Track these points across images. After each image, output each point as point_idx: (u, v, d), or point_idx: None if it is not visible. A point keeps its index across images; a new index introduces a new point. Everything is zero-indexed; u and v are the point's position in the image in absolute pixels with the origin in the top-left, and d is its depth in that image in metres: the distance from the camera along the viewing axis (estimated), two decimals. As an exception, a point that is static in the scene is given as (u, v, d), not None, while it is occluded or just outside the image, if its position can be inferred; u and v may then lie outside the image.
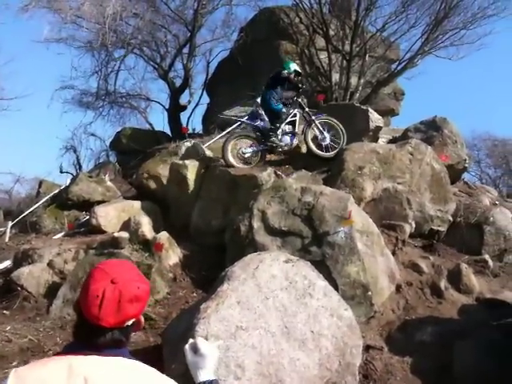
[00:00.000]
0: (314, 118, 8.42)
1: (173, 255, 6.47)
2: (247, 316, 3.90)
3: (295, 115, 8.49)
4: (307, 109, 8.57)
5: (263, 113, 8.38)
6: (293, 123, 8.47)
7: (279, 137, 8.23)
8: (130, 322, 1.53)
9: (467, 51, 15.70)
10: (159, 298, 5.85)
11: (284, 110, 8.35)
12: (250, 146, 8.25)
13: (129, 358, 1.51)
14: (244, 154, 8.08)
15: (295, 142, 8.48)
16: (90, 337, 1.48)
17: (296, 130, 8.43)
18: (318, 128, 8.39)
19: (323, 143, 8.35)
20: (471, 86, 57.78)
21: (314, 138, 8.44)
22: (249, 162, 8.15)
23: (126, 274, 1.53)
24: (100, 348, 1.47)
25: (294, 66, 8.81)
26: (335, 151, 8.22)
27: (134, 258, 6.26)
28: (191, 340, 1.83)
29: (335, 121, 8.47)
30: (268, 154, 8.54)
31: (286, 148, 8.41)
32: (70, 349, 1.49)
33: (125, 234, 6.53)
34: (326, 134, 8.36)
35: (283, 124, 8.34)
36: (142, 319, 1.61)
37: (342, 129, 8.35)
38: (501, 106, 54.81)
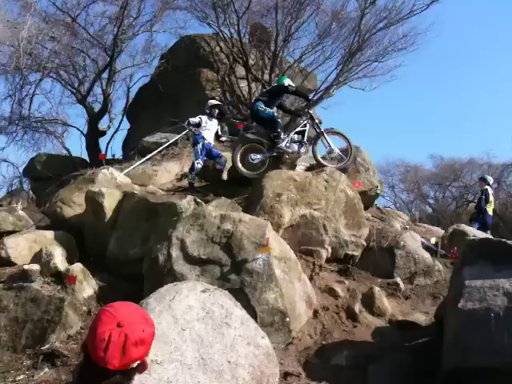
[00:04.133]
0: (323, 130, 8.77)
1: (87, 287, 6.23)
2: (163, 349, 3.83)
3: (305, 125, 8.92)
4: (317, 120, 9.00)
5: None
6: (302, 133, 8.88)
7: (287, 144, 8.63)
8: (134, 365, 1.61)
9: (379, 82, 16.68)
10: (72, 333, 5.60)
11: (276, 113, 8.82)
12: (258, 153, 8.50)
13: None
14: (253, 160, 8.40)
15: (303, 150, 8.89)
16: (93, 379, 1.56)
17: (305, 140, 8.83)
18: (326, 140, 8.76)
19: (331, 155, 8.75)
20: (385, 114, 60.98)
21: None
22: (257, 168, 8.42)
23: (131, 316, 1.61)
24: None
25: (287, 81, 9.35)
26: (343, 163, 8.61)
27: (46, 291, 5.98)
28: None
29: (344, 133, 8.85)
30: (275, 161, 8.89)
31: (293, 155, 8.89)
32: None
33: (35, 267, 6.21)
34: (333, 146, 8.78)
35: (292, 132, 8.82)
36: (147, 361, 1.70)
37: (351, 142, 8.74)
38: (413, 133, 58.24)
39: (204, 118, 9.53)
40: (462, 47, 62.28)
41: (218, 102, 10.32)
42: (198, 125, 9.38)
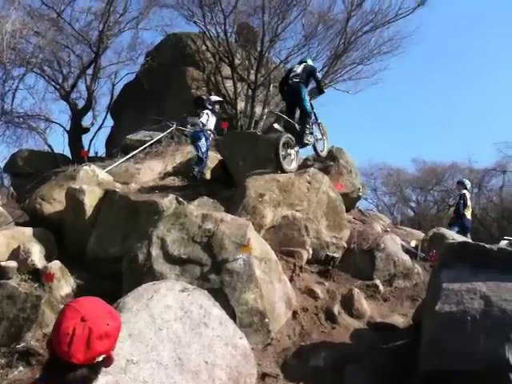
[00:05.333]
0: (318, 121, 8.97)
1: (65, 285, 6.16)
2: (139, 349, 3.80)
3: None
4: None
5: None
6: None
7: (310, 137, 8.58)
8: (100, 358, 1.60)
9: (364, 85, 16.79)
10: (48, 331, 5.50)
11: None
12: (292, 148, 8.33)
13: None
14: (289, 155, 8.25)
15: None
16: (59, 373, 1.55)
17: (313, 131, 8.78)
18: (319, 130, 8.96)
19: (318, 144, 8.85)
20: (369, 117, 61.38)
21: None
22: (291, 163, 8.28)
23: (96, 311, 1.62)
24: None
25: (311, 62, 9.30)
26: (324, 153, 9.06)
27: (23, 288, 5.90)
28: None
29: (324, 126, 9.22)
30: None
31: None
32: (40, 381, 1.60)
33: (12, 263, 6.13)
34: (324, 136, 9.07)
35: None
36: (113, 355, 1.67)
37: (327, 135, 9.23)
38: (396, 137, 58.68)
39: (209, 113, 9.61)
40: (444, 51, 62.86)
41: (221, 99, 10.39)
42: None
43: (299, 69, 8.60)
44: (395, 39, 15.73)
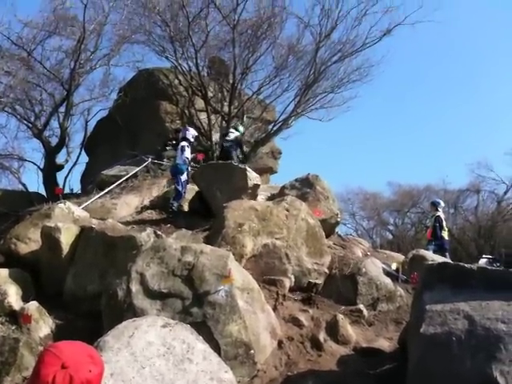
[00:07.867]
0: None
1: (44, 326, 5.98)
2: (121, 389, 3.68)
3: None
4: None
5: None
6: None
7: None
8: None
9: (336, 113, 17.07)
10: (27, 374, 5.31)
11: None
12: None
13: None
14: None
15: None
16: None
17: None
18: None
19: None
20: (343, 144, 62.38)
21: None
22: None
23: (77, 356, 1.52)
24: None
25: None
26: None
27: (0, 331, 5.71)
28: None
29: None
30: None
31: None
32: None
33: (-12, 306, 5.96)
34: None
35: None
36: None
37: None
38: (370, 162, 59.61)
39: (188, 145, 9.90)
40: (412, 76, 64.75)
41: (197, 134, 11.07)
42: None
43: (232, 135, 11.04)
44: (363, 67, 16.17)
